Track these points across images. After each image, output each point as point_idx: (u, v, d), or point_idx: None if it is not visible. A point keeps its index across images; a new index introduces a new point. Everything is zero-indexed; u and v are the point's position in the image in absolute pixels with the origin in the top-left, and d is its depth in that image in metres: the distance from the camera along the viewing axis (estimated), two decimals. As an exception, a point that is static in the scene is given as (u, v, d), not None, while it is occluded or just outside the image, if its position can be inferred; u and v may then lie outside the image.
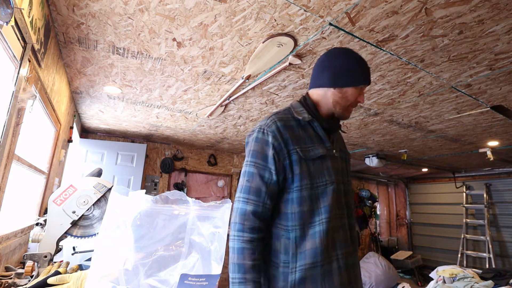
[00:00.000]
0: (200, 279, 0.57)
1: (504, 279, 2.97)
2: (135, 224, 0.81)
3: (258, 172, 0.95)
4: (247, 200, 0.93)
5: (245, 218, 0.90)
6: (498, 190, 5.40)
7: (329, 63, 1.05)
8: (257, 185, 0.93)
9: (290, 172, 0.95)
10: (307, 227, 0.93)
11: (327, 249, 0.91)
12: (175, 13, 1.45)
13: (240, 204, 0.93)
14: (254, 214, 0.91)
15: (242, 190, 0.95)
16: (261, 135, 0.98)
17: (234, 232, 0.90)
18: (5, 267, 1.36)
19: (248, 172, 0.96)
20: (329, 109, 1.06)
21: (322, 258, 0.90)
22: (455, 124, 2.90)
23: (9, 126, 1.21)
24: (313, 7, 1.35)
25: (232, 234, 0.90)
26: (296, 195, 0.94)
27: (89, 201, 1.48)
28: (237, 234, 0.89)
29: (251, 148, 0.99)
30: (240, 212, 0.91)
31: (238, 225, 0.90)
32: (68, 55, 1.94)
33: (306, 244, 0.91)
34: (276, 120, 1.00)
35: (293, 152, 0.96)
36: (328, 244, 0.92)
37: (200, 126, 3.54)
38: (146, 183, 4.52)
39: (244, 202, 0.93)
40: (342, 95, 1.03)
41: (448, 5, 1.29)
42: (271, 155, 0.95)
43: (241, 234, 0.89)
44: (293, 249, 0.91)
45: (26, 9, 1.12)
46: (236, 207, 0.94)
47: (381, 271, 4.33)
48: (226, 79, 2.18)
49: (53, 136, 2.35)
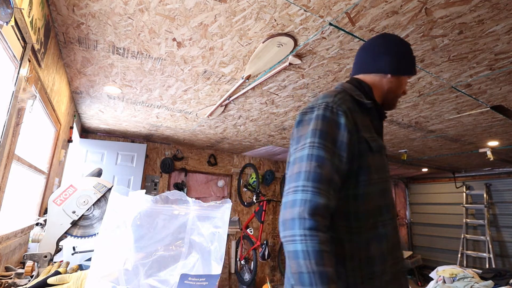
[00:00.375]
0: (200, 279, 0.56)
1: (504, 279, 2.97)
2: (135, 224, 0.81)
3: (330, 157, 0.78)
4: (319, 190, 0.74)
5: (319, 212, 0.72)
6: (498, 190, 5.40)
7: (389, 47, 0.96)
8: (329, 173, 0.76)
9: (357, 163, 0.82)
10: (373, 228, 0.80)
11: (391, 254, 0.81)
12: (175, 13, 1.45)
13: (309, 194, 0.73)
14: (327, 209, 0.74)
15: (309, 177, 0.75)
16: (329, 113, 0.82)
17: (304, 231, 0.70)
18: (5, 267, 1.36)
19: (317, 156, 0.77)
20: (382, 97, 0.97)
21: (390, 264, 0.79)
22: (455, 124, 2.90)
23: (9, 126, 1.21)
24: (313, 7, 1.35)
25: (299, 234, 0.70)
26: (363, 190, 0.81)
27: (89, 201, 1.48)
28: (310, 233, 0.70)
29: (315, 128, 0.81)
30: (311, 206, 0.72)
31: (309, 222, 0.70)
32: (68, 55, 1.94)
33: (372, 248, 0.79)
34: (345, 99, 0.86)
35: (362, 139, 0.83)
36: (392, 248, 0.81)
37: (200, 126, 3.53)
38: (146, 183, 4.52)
39: (314, 192, 0.73)
40: (398, 83, 0.95)
41: (448, 5, 1.29)
42: (345, 139, 0.80)
43: (315, 233, 0.70)
44: (360, 255, 0.78)
45: (26, 9, 1.12)
46: (300, 199, 0.73)
47: (381, 271, 4.33)
48: (226, 79, 2.18)
49: (53, 136, 2.35)
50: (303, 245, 0.69)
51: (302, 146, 0.81)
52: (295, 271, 0.69)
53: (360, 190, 0.81)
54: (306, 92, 2.32)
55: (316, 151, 0.78)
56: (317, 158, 0.77)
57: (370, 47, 1.00)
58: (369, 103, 0.89)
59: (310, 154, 0.78)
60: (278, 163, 5.68)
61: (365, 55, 1.00)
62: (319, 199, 0.73)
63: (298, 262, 0.69)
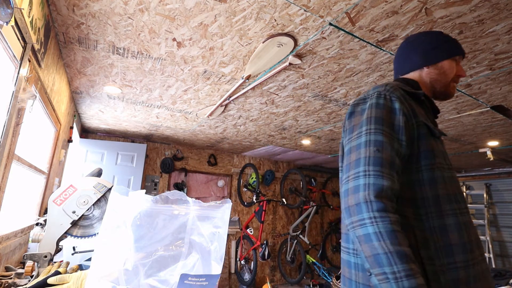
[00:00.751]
0: (200, 279, 0.56)
1: (504, 279, 2.97)
2: (135, 224, 0.81)
3: (389, 141, 0.77)
4: (381, 173, 0.73)
5: (384, 195, 0.71)
6: (498, 190, 5.40)
7: (414, 44, 0.98)
8: (389, 156, 0.75)
9: (416, 147, 0.80)
10: (446, 215, 0.76)
11: (471, 246, 0.75)
12: (175, 13, 1.45)
13: (372, 178, 0.72)
14: (392, 191, 0.72)
15: (369, 162, 0.74)
16: (382, 100, 0.82)
17: (373, 213, 0.69)
18: (5, 267, 1.36)
19: (376, 141, 0.76)
20: (429, 90, 0.97)
21: (472, 256, 0.74)
22: (455, 124, 2.90)
23: (9, 126, 1.21)
24: (313, 7, 1.35)
25: (367, 217, 0.69)
26: (427, 175, 0.78)
27: (89, 201, 1.48)
28: (379, 214, 0.68)
29: (370, 116, 0.81)
30: (376, 188, 0.71)
31: (376, 204, 0.69)
32: (68, 55, 1.94)
33: (450, 236, 0.74)
34: (396, 89, 0.85)
35: (421, 123, 0.82)
36: (471, 240, 0.76)
37: (200, 126, 3.53)
38: (146, 183, 4.52)
39: (377, 175, 0.72)
40: (438, 71, 0.94)
41: (448, 5, 1.29)
42: (402, 123, 0.79)
43: (385, 214, 0.68)
44: (436, 243, 0.74)
45: (26, 9, 1.12)
46: (363, 183, 0.72)
47: (381, 271, 4.33)
48: (226, 79, 2.18)
49: (53, 136, 2.35)
50: (374, 227, 0.68)
51: (357, 135, 0.81)
52: (369, 254, 0.67)
53: (425, 175, 0.78)
54: (306, 92, 2.32)
55: (373, 137, 0.77)
56: (375, 143, 0.76)
57: (399, 52, 1.04)
58: (421, 93, 0.89)
59: (368, 140, 0.77)
60: (278, 163, 5.68)
61: (399, 59, 1.03)
62: (383, 181, 0.71)
63: (372, 244, 0.67)
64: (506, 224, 5.21)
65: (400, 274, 0.63)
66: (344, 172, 0.81)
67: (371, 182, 0.72)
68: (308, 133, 3.55)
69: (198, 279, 0.56)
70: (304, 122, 3.11)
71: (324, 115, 2.87)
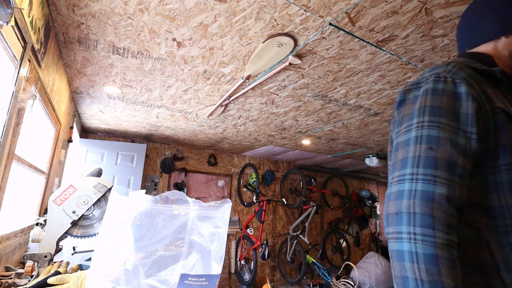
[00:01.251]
0: (200, 279, 0.56)
1: (504, 279, 2.97)
2: (135, 224, 0.81)
3: (448, 136, 0.62)
4: (434, 177, 0.59)
5: (435, 206, 0.56)
6: (498, 190, 5.40)
7: (487, 8, 0.76)
8: (448, 155, 0.60)
9: (493, 141, 0.63)
10: None
11: None
12: (175, 13, 1.45)
13: (419, 184, 0.59)
14: (449, 201, 0.57)
15: (418, 163, 0.61)
16: (442, 85, 0.65)
17: (414, 229, 0.56)
18: (5, 267, 1.36)
19: (428, 136, 0.62)
20: (509, 66, 0.75)
21: None
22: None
23: (9, 126, 1.21)
24: (313, 7, 1.35)
25: (406, 231, 0.57)
26: (508, 177, 0.61)
27: (89, 201, 1.48)
28: (421, 231, 0.55)
29: (424, 105, 0.65)
30: (423, 197, 0.57)
31: (421, 217, 0.56)
32: (68, 55, 1.94)
33: None
34: (461, 67, 0.68)
35: (497, 110, 0.64)
36: None
37: (200, 126, 3.53)
38: (146, 183, 4.52)
39: (426, 180, 0.59)
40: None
41: (448, 5, 1.29)
42: (471, 110, 0.62)
43: (430, 232, 0.55)
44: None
45: (26, 9, 1.12)
46: (408, 189, 0.59)
47: (381, 271, 4.33)
48: (226, 79, 2.18)
49: (53, 136, 2.35)
50: (411, 245, 0.56)
51: (406, 129, 0.66)
52: (398, 275, 0.57)
53: (504, 177, 0.62)
54: (306, 92, 2.32)
55: (426, 132, 0.62)
56: (428, 139, 0.62)
57: (465, 21, 0.81)
58: (497, 69, 0.69)
59: (418, 135, 0.63)
60: (278, 163, 5.68)
61: (465, 30, 0.80)
62: (436, 188, 0.57)
63: (403, 265, 0.56)
64: (506, 224, 5.20)
65: None
66: (390, 172, 0.68)
67: (418, 188, 0.59)
68: (308, 133, 3.55)
69: (198, 279, 0.56)
70: (304, 122, 3.11)
71: (324, 115, 2.87)
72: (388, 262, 4.71)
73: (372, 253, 4.88)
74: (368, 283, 4.30)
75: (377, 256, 4.72)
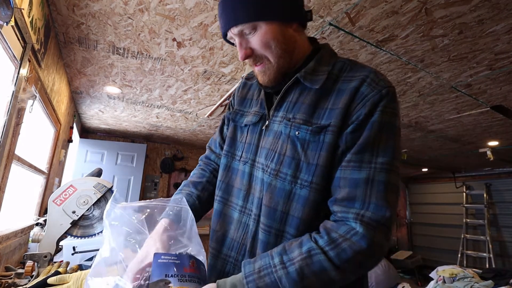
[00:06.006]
0: (172, 257, 0.58)
1: (504, 279, 2.97)
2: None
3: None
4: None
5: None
6: (498, 190, 5.40)
7: None
8: None
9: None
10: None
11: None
12: (175, 13, 1.45)
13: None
14: None
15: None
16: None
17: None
18: (5, 267, 1.36)
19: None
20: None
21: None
22: (455, 124, 2.90)
23: (9, 126, 1.21)
24: (313, 7, 1.35)
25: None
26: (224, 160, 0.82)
27: (89, 201, 1.48)
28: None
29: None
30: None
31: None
32: (68, 55, 1.94)
33: None
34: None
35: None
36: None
37: (200, 126, 3.53)
38: (146, 183, 4.52)
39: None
40: None
41: (448, 5, 1.29)
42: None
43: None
44: None
45: (26, 9, 1.12)
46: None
47: (381, 271, 4.34)
48: (226, 79, 2.17)
49: (53, 136, 2.35)
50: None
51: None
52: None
53: (223, 160, 0.80)
54: (306, 92, 2.32)
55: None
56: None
57: None
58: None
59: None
60: (278, 163, 5.67)
61: None
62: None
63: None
64: (506, 224, 5.21)
65: None
66: None
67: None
68: (308, 133, 3.55)
69: (170, 257, 0.57)
70: (304, 122, 3.10)
71: (324, 115, 2.86)
72: (388, 262, 4.71)
73: (372, 253, 4.87)
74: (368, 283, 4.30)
75: (377, 256, 4.72)
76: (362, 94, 0.59)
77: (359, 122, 0.58)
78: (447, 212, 6.09)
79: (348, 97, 0.60)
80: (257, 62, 0.67)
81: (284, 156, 0.63)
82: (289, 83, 0.67)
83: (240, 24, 0.62)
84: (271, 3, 0.61)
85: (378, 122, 0.57)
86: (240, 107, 0.80)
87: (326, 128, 0.60)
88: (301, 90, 0.67)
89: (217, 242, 0.71)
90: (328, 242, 0.53)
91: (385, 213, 0.53)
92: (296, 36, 0.67)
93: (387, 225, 0.54)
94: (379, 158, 0.57)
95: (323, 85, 0.64)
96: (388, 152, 0.57)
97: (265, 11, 0.61)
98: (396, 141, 0.59)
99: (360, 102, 0.59)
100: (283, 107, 0.68)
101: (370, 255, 0.52)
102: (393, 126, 0.59)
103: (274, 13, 0.62)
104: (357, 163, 0.57)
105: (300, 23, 0.67)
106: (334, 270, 0.51)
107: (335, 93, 0.63)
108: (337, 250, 0.52)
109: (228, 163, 0.76)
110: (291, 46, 0.65)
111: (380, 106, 0.58)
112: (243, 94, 0.83)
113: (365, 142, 0.57)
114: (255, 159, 0.69)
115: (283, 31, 0.63)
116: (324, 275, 0.52)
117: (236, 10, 0.62)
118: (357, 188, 0.55)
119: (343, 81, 0.63)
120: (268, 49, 0.63)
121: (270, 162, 0.65)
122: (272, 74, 0.66)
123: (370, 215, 0.53)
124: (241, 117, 0.78)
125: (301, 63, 0.69)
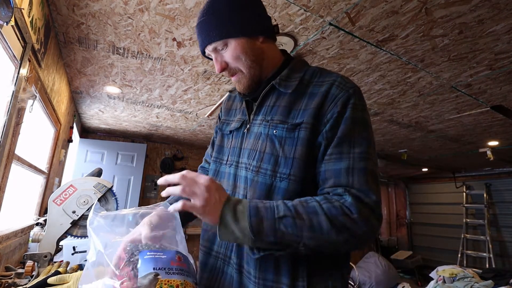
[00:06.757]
0: (158, 253, 0.58)
1: (504, 279, 2.97)
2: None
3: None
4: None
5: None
6: (498, 190, 5.40)
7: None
8: None
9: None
10: None
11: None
12: (175, 13, 1.45)
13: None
14: None
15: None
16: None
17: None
18: (5, 267, 1.36)
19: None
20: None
21: None
22: (455, 124, 2.90)
23: (9, 126, 1.21)
24: (313, 7, 1.35)
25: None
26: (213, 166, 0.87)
27: (89, 201, 1.48)
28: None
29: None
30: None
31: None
32: (68, 55, 1.94)
33: None
34: None
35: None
36: None
37: (200, 126, 3.53)
38: (146, 183, 4.52)
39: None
40: None
41: (448, 5, 1.29)
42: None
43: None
44: None
45: (26, 9, 1.12)
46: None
47: (381, 271, 4.34)
48: (226, 79, 2.17)
49: (53, 136, 2.35)
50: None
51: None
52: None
53: (212, 166, 0.86)
54: (306, 92, 2.32)
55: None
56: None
57: None
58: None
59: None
60: (278, 163, 5.67)
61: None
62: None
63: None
64: (506, 224, 5.21)
65: None
66: None
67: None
68: (308, 133, 3.55)
69: (156, 253, 0.58)
70: (304, 122, 3.10)
71: (324, 115, 2.86)
72: (388, 262, 4.71)
73: (372, 253, 4.88)
74: (368, 283, 4.30)
75: (377, 256, 4.72)
76: (332, 95, 0.67)
77: (334, 119, 0.65)
78: (447, 212, 6.09)
79: (319, 99, 0.68)
80: (232, 73, 0.76)
81: (264, 154, 0.70)
82: (265, 90, 0.75)
83: (213, 42, 0.71)
84: (237, 22, 0.70)
85: (351, 118, 0.65)
86: (226, 117, 0.89)
87: (300, 125, 0.68)
88: (278, 95, 0.74)
89: (208, 241, 0.77)
90: (323, 198, 0.61)
91: (368, 193, 0.60)
92: (264, 47, 0.75)
93: (372, 207, 0.60)
94: (356, 148, 0.64)
95: (295, 89, 0.72)
96: (364, 142, 0.64)
97: (232, 29, 0.70)
98: (370, 132, 0.67)
99: (332, 102, 0.67)
100: (262, 111, 0.75)
101: (357, 223, 0.58)
102: (365, 120, 0.67)
103: (241, 30, 0.71)
104: (338, 155, 0.64)
105: (266, 36, 0.75)
106: (324, 216, 0.58)
107: (307, 96, 0.71)
108: (329, 205, 0.59)
109: (217, 168, 0.83)
110: (259, 57, 0.74)
111: (350, 104, 0.66)
112: (228, 106, 0.91)
113: (342, 136, 0.64)
114: (238, 160, 0.76)
115: (251, 45, 0.72)
116: (315, 216, 0.58)
117: (209, 30, 0.71)
118: (341, 176, 0.63)
119: (314, 85, 0.72)
120: (239, 61, 0.72)
121: (252, 160, 0.71)
122: (246, 82, 0.75)
123: (355, 192, 0.60)
124: (227, 126, 0.85)
125: (275, 71, 0.77)
